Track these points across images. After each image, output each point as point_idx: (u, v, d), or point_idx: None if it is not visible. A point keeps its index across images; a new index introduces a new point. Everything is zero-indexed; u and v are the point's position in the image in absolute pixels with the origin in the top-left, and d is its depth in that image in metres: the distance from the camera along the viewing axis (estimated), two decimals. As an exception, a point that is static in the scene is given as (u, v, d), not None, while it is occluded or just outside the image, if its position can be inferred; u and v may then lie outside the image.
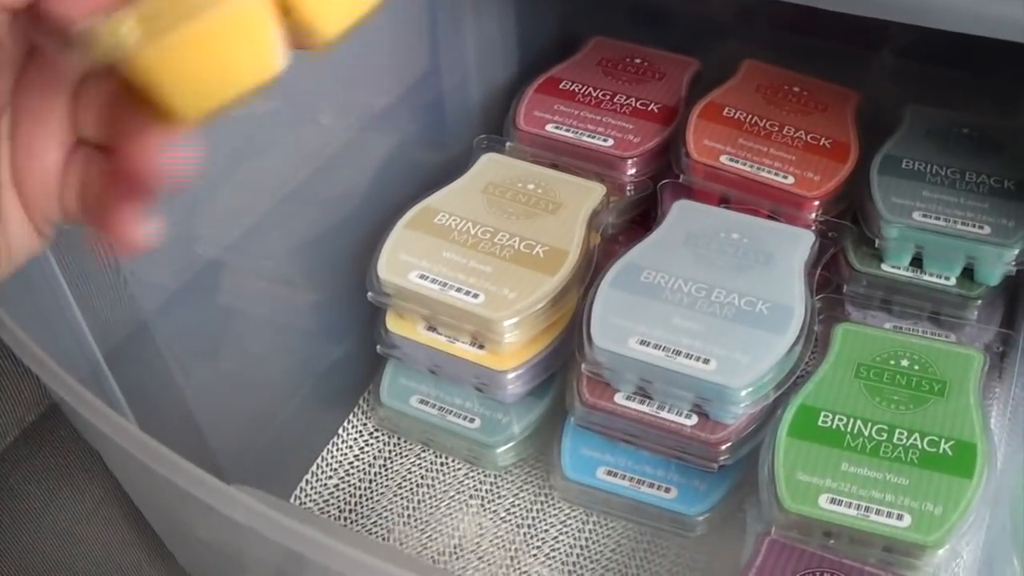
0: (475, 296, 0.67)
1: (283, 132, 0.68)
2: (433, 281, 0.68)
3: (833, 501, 0.60)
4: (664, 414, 0.65)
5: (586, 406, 0.66)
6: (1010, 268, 0.72)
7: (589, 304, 0.67)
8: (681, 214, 0.73)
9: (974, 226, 0.72)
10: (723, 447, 0.64)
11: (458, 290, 0.68)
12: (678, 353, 0.64)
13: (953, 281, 0.74)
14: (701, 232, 0.71)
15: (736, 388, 0.63)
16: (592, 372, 0.66)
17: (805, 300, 0.67)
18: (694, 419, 0.65)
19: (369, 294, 0.70)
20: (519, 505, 0.73)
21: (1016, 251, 0.71)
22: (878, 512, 0.59)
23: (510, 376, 0.69)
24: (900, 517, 0.59)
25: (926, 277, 0.74)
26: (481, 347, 0.69)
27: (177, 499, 0.57)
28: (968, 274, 0.74)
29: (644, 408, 0.66)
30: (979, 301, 0.73)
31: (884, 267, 0.74)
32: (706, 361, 0.63)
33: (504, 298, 0.67)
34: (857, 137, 0.77)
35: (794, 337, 0.65)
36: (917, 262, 0.74)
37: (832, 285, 0.75)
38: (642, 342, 0.64)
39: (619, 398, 0.66)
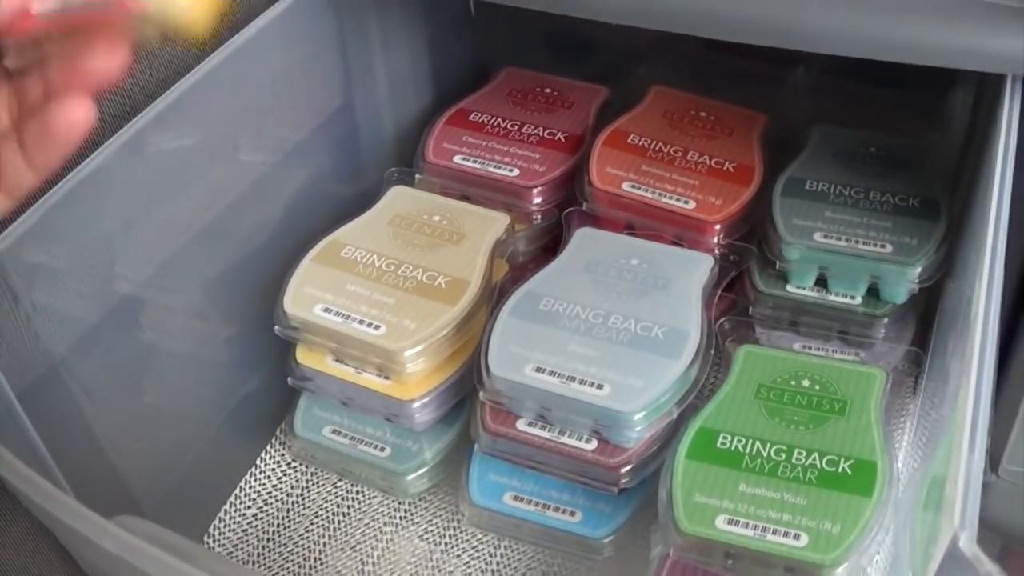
0: (376, 328, 0.68)
1: (197, 168, 0.69)
2: (336, 314, 0.69)
3: (730, 522, 0.60)
4: (565, 439, 0.66)
5: (489, 433, 0.67)
6: (914, 286, 0.72)
7: (488, 333, 0.68)
8: (582, 241, 0.74)
9: (876, 245, 0.73)
10: (623, 470, 0.65)
11: (360, 322, 0.69)
12: (573, 379, 0.65)
13: (859, 300, 0.75)
14: (601, 259, 0.72)
15: (629, 413, 0.63)
16: (492, 400, 0.67)
17: (701, 324, 0.68)
18: (594, 443, 0.66)
19: (276, 328, 0.71)
20: (432, 531, 0.74)
21: (919, 269, 0.72)
22: (775, 532, 0.60)
23: (416, 405, 0.70)
24: (797, 537, 0.59)
25: (831, 297, 0.75)
26: (387, 378, 0.70)
27: (64, 532, 0.58)
28: (874, 293, 0.74)
29: (545, 434, 0.66)
30: (886, 319, 0.74)
31: (789, 288, 0.75)
32: (600, 387, 0.64)
33: (405, 329, 0.68)
34: (762, 160, 0.78)
35: (689, 360, 0.66)
36: (823, 282, 0.75)
37: (739, 307, 0.76)
38: (538, 369, 0.65)
39: (521, 424, 0.67)
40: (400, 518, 0.74)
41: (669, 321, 0.68)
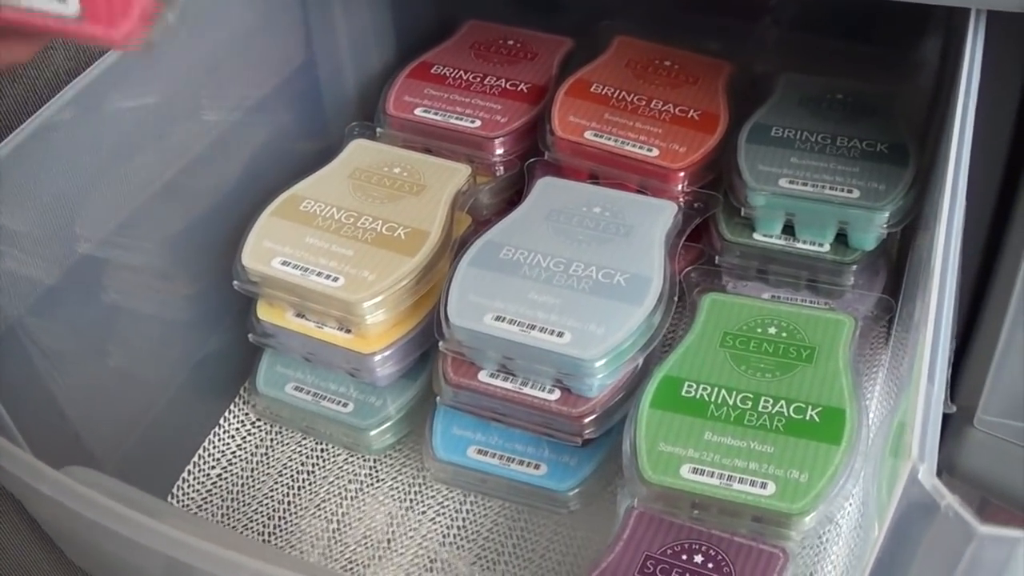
0: (335, 279, 0.67)
1: (157, 126, 0.68)
2: (295, 267, 0.68)
3: (695, 471, 0.60)
4: (528, 390, 0.65)
5: (451, 385, 0.67)
6: (882, 231, 0.71)
7: (448, 283, 0.67)
8: (544, 190, 0.73)
9: (843, 191, 0.71)
10: (586, 420, 0.65)
11: (319, 274, 0.68)
12: (533, 327, 0.64)
13: (827, 248, 0.73)
14: (563, 207, 0.71)
15: (589, 360, 0.63)
16: (452, 351, 0.66)
17: (664, 270, 0.67)
18: (557, 394, 0.65)
19: (235, 283, 0.70)
20: (397, 488, 0.73)
21: (887, 214, 0.71)
22: (741, 481, 0.59)
23: (377, 359, 0.69)
24: (764, 485, 0.59)
25: (799, 245, 0.74)
26: (348, 331, 0.69)
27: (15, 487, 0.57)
28: (843, 240, 0.73)
29: (508, 385, 0.66)
30: (855, 267, 0.73)
31: (756, 236, 0.74)
32: (560, 334, 0.63)
33: (363, 280, 0.67)
34: (727, 108, 0.77)
35: (651, 306, 0.65)
36: (790, 230, 0.74)
37: (706, 257, 0.75)
38: (498, 318, 0.64)
39: (483, 376, 0.66)
40: (365, 475, 0.74)
41: (631, 268, 0.67)
